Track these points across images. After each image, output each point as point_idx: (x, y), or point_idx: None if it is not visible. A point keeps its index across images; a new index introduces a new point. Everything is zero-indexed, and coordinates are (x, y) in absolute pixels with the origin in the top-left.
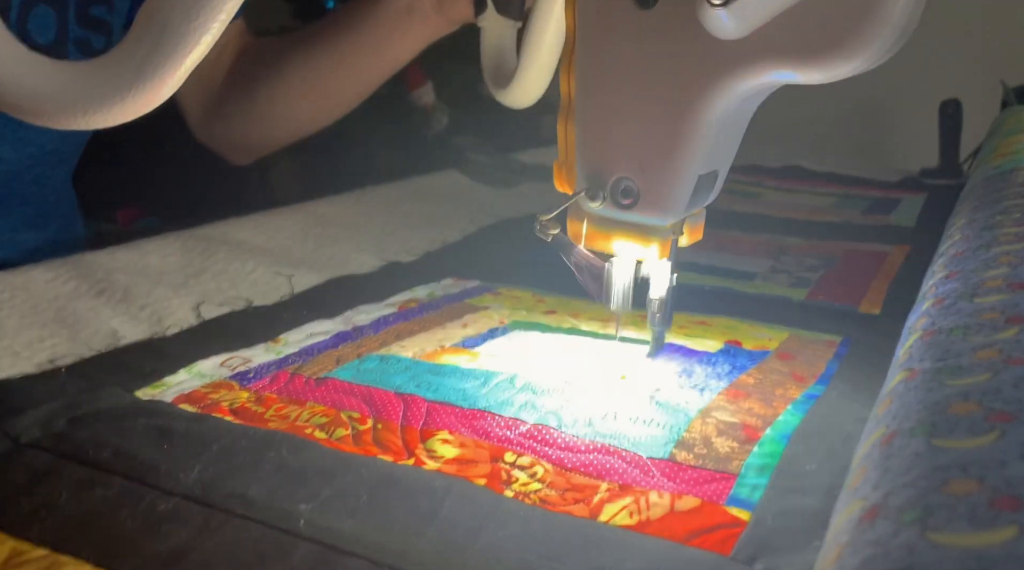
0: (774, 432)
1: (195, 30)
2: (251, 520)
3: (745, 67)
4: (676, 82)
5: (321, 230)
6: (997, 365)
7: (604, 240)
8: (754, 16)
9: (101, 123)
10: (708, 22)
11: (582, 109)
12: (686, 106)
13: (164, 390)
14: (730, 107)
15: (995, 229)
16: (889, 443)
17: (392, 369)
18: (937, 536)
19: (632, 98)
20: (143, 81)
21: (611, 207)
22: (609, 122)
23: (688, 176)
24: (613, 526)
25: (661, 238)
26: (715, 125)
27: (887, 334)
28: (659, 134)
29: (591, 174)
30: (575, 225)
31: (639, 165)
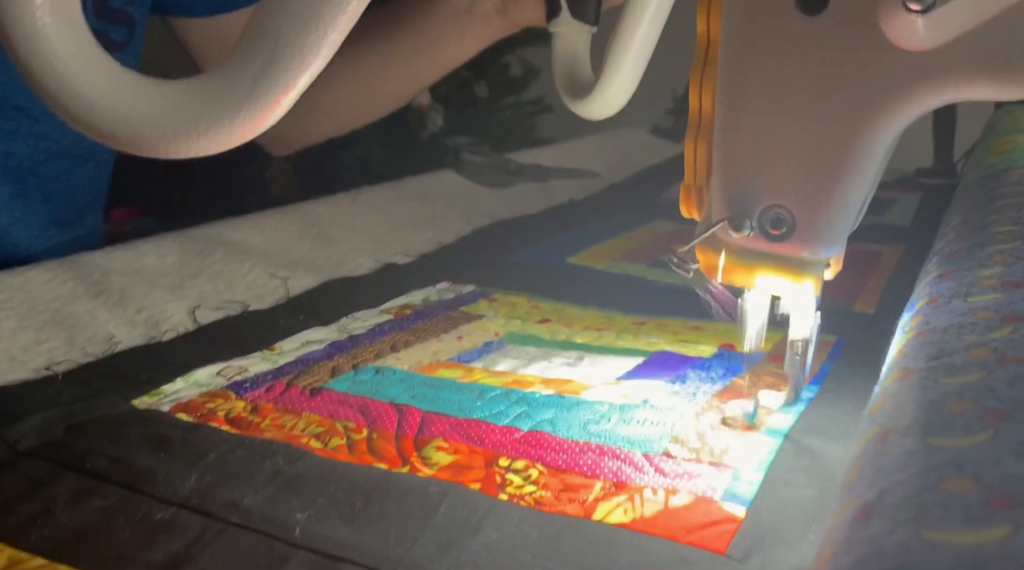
0: (768, 432)
1: (314, 42)
2: (247, 529)
3: (930, 83)
4: (846, 99)
5: (317, 231)
6: (991, 364)
7: (745, 274)
8: (952, 25)
9: (206, 150)
10: (896, 31)
11: (725, 128)
12: (857, 127)
13: (161, 399)
14: (904, 127)
15: (989, 228)
16: (884, 442)
17: (387, 381)
18: (932, 534)
19: (791, 116)
20: (255, 102)
21: (758, 238)
22: (758, 143)
23: (853, 204)
24: (607, 524)
25: (815, 273)
26: (886, 147)
27: (882, 333)
28: (823, 157)
29: (735, 200)
30: (709, 256)
31: (795, 192)
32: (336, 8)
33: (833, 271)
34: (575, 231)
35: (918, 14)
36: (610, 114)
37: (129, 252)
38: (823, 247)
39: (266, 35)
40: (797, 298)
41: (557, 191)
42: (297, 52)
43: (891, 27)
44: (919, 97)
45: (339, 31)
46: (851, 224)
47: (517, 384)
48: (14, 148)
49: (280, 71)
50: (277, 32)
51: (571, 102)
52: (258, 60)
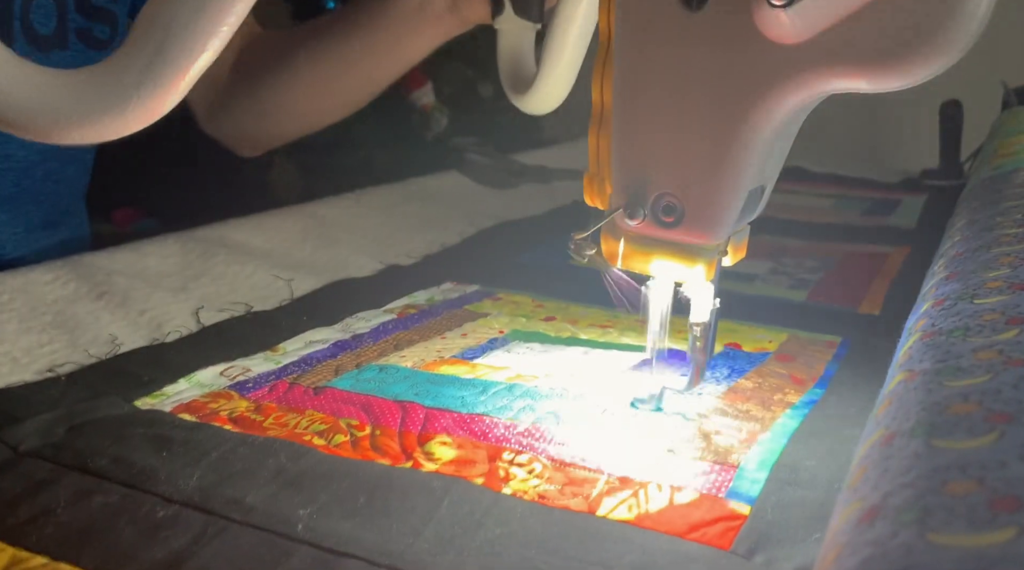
0: (772, 434)
1: (202, 33)
2: (250, 526)
3: (805, 75)
4: (727, 91)
5: (320, 232)
6: (997, 366)
7: (643, 260)
8: (819, 18)
9: (97, 137)
10: (766, 25)
11: (619, 119)
12: (737, 117)
13: (163, 400)
14: (785, 118)
15: (995, 230)
16: (889, 444)
17: (391, 379)
18: (936, 537)
19: (676, 108)
20: (146, 90)
21: (652, 225)
22: (650, 134)
23: (737, 193)
24: (612, 520)
25: (706, 259)
26: (767, 138)
27: (887, 335)
28: (706, 147)
29: (629, 190)
30: (610, 244)
31: (683, 181)
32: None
33: (735, 256)
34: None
35: (781, 8)
36: (550, 109)
37: (131, 253)
38: (711, 233)
39: (156, 25)
40: (695, 283)
41: (561, 192)
42: (186, 42)
43: (760, 21)
44: (795, 89)
45: (228, 23)
46: (738, 212)
47: (521, 379)
48: (9, 150)
49: (169, 60)
50: (167, 23)
51: (514, 98)
52: (148, 50)
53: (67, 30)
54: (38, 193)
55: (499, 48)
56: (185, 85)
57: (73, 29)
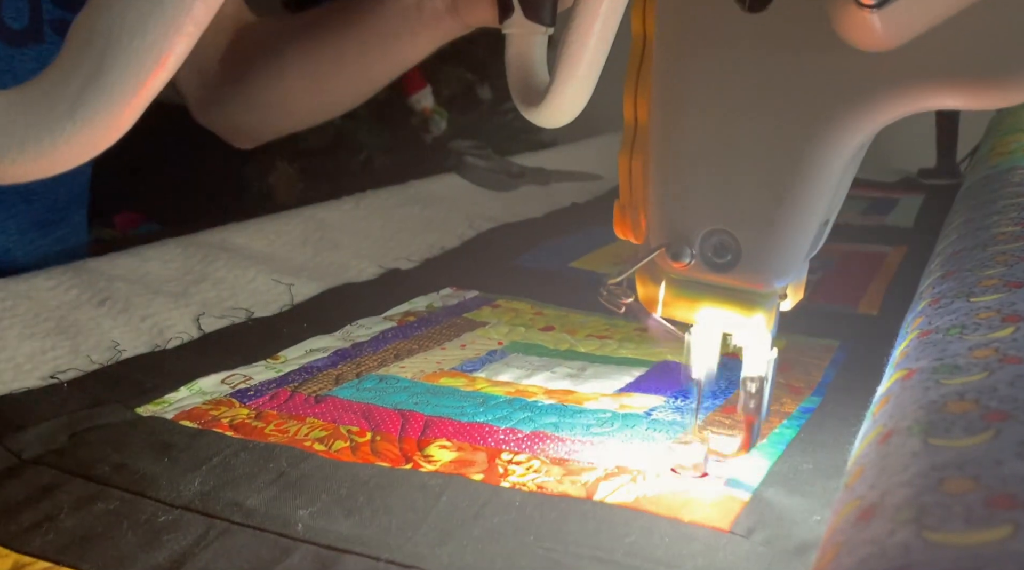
0: (770, 443)
1: (151, 47)
2: (250, 527)
3: (892, 91)
4: (798, 108)
5: (320, 236)
6: (993, 364)
7: (688, 308)
8: (914, 22)
9: (24, 176)
10: (850, 29)
11: (661, 141)
12: (811, 140)
13: (165, 407)
14: (863, 141)
15: (991, 228)
16: (886, 442)
17: (391, 389)
18: (933, 535)
19: (735, 128)
20: (83, 119)
21: (701, 268)
22: (700, 159)
23: (807, 229)
24: (610, 505)
25: (766, 306)
26: (843, 164)
27: (885, 336)
28: (768, 175)
29: (673, 225)
30: (648, 288)
31: (739, 215)
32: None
33: (793, 300)
34: (578, 234)
35: (872, 9)
36: (565, 122)
37: (133, 258)
38: (774, 277)
39: (95, 37)
40: (750, 334)
41: (560, 194)
42: (132, 59)
43: (843, 25)
44: (880, 105)
45: (186, 34)
46: (806, 251)
47: (520, 394)
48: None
49: (111, 82)
50: (107, 35)
51: (524, 109)
52: (84, 69)
53: (41, 22)
54: (27, 191)
55: (507, 55)
56: (133, 112)
57: (48, 21)
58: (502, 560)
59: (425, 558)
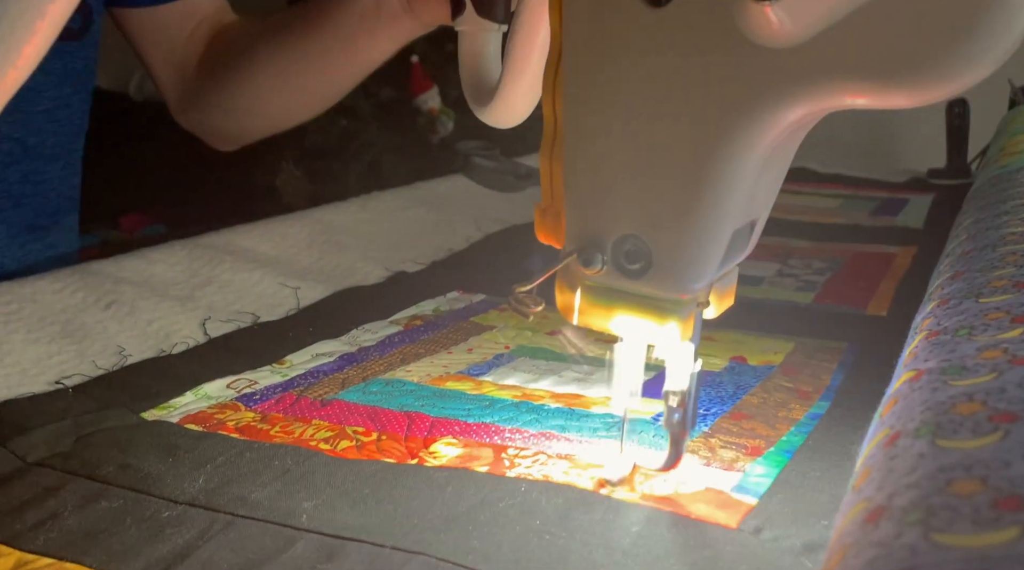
0: (778, 450)
1: None
2: (254, 519)
3: (800, 89)
4: (705, 109)
5: (327, 238)
6: (1002, 365)
7: (604, 316)
8: (816, 17)
9: None
10: (752, 25)
11: (572, 143)
12: (718, 141)
13: (170, 411)
14: (776, 141)
15: (1001, 229)
16: (893, 444)
17: (397, 392)
18: (940, 537)
19: (643, 130)
20: None
21: (614, 274)
22: (608, 161)
23: (718, 234)
24: (617, 499)
25: (680, 315)
26: (755, 165)
27: (894, 337)
28: (679, 179)
29: (585, 230)
30: (565, 295)
31: (650, 220)
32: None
33: (720, 307)
34: None
35: (769, 3)
36: (515, 122)
37: (139, 260)
38: (686, 284)
39: None
40: (671, 343)
41: None
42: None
43: (743, 20)
44: (787, 104)
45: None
46: (721, 256)
47: (527, 398)
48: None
49: None
50: None
51: (476, 109)
52: None
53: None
54: (17, 195)
55: (460, 52)
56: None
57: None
58: (507, 545)
59: (430, 544)
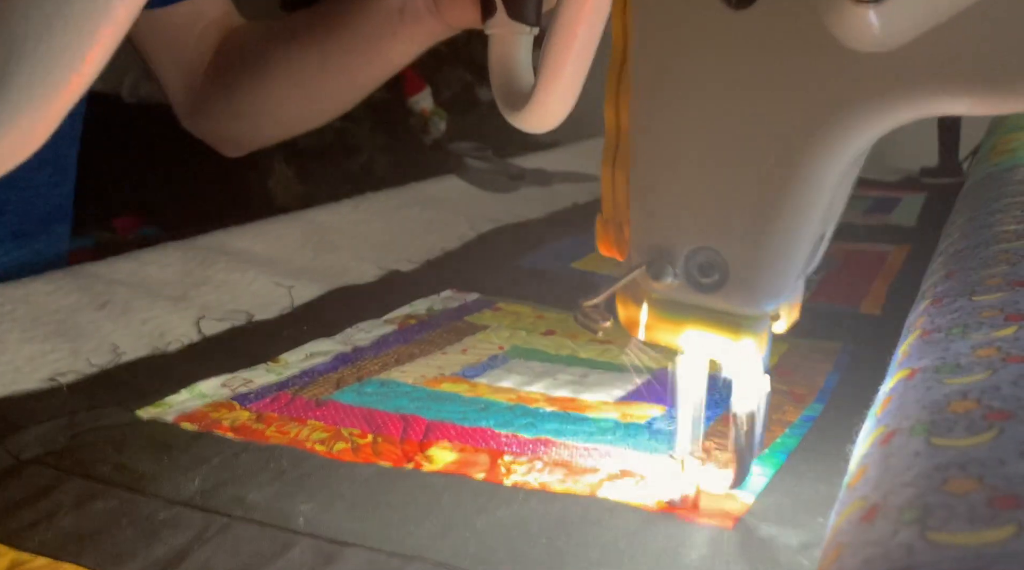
0: (772, 452)
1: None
2: (250, 522)
3: (893, 96)
4: (789, 116)
5: (320, 238)
6: (996, 363)
7: (672, 331)
8: (915, 22)
9: None
10: (845, 28)
11: (641, 151)
12: (804, 150)
13: (165, 410)
14: (863, 148)
15: (994, 227)
16: (888, 442)
17: (392, 393)
18: (936, 535)
19: (720, 138)
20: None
21: (685, 288)
22: (682, 170)
23: (800, 245)
24: (614, 501)
25: (755, 331)
26: (838, 174)
27: (888, 336)
28: (758, 188)
29: (654, 242)
30: (630, 309)
31: (726, 232)
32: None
33: (788, 321)
34: (579, 235)
35: (869, 5)
36: (550, 127)
37: (132, 262)
38: (764, 299)
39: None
40: (739, 360)
41: (560, 195)
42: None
43: (837, 23)
44: (878, 112)
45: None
46: (799, 270)
47: (522, 401)
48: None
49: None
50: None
51: (508, 113)
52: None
53: None
54: (3, 202)
55: (490, 56)
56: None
57: None
58: (505, 551)
59: (428, 550)
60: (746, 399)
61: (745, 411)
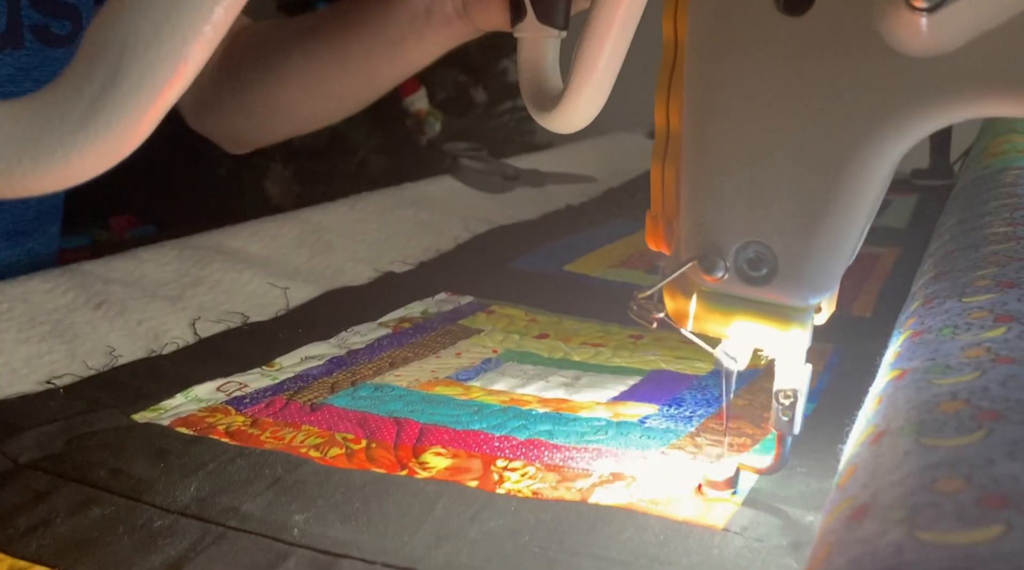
0: (763, 448)
1: (167, 56)
2: (246, 532)
3: (942, 97)
4: (840, 116)
5: (316, 238)
6: (985, 364)
7: (721, 322)
8: (965, 28)
9: (35, 189)
10: (898, 34)
11: (694, 150)
12: (854, 149)
13: (161, 414)
14: (908, 149)
15: (984, 229)
16: (878, 442)
17: (386, 397)
18: (925, 535)
19: (771, 137)
20: (96, 131)
21: (735, 281)
22: (735, 168)
23: (847, 241)
24: (604, 506)
25: (803, 322)
26: (887, 173)
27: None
28: (811, 185)
29: (706, 236)
30: (679, 301)
31: (777, 227)
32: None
33: (827, 312)
34: (572, 237)
35: (923, 13)
36: (579, 128)
37: (129, 261)
38: (811, 292)
39: (109, 42)
40: (783, 346)
41: (555, 196)
42: (148, 67)
43: (891, 29)
44: (927, 115)
45: (204, 40)
46: (845, 264)
47: (515, 403)
48: None
49: (126, 91)
50: (123, 38)
51: (537, 115)
52: (99, 76)
53: (21, 27)
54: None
55: (519, 59)
56: (149, 122)
57: (28, 26)
58: (498, 561)
59: (421, 560)
60: (789, 380)
61: (789, 392)
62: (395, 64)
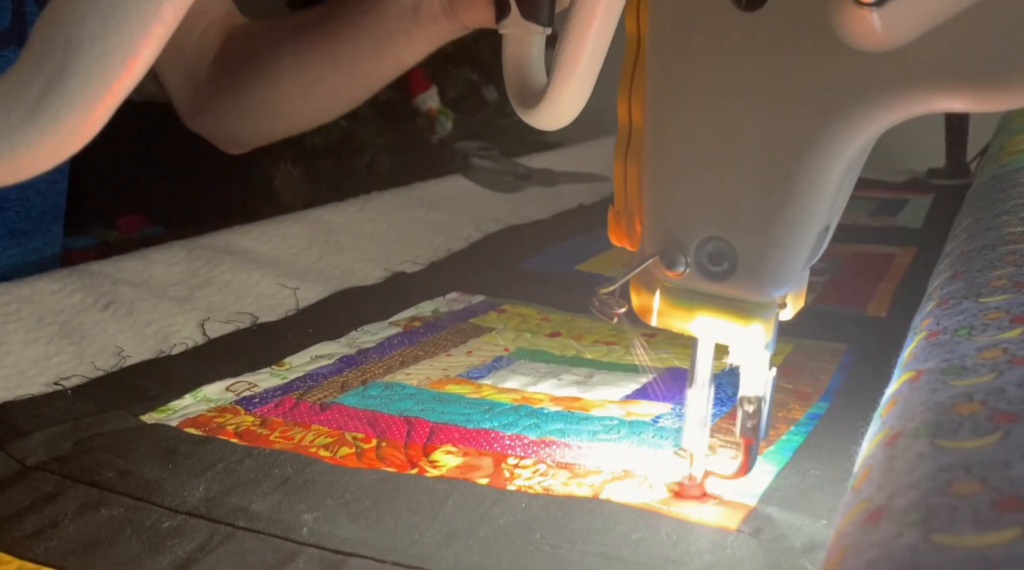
0: (777, 449)
1: (116, 51)
2: (255, 532)
3: (895, 92)
4: (796, 111)
5: (326, 238)
6: (1002, 365)
7: (683, 318)
8: (916, 22)
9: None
10: (849, 28)
11: (655, 145)
12: (810, 143)
13: (169, 415)
14: (864, 144)
15: (1001, 229)
16: (893, 444)
17: (397, 396)
18: (940, 537)
19: (730, 132)
20: (44, 125)
21: (696, 276)
22: (695, 163)
23: (806, 235)
24: (616, 503)
25: (764, 317)
26: (843, 168)
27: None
28: (769, 181)
29: (667, 232)
30: (643, 297)
31: (736, 222)
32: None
33: (794, 308)
34: (584, 237)
35: (871, 7)
36: (563, 124)
37: (137, 261)
38: (772, 287)
39: (55, 39)
40: (747, 346)
41: (566, 196)
42: (95, 62)
43: (842, 24)
44: (881, 108)
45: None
46: (806, 259)
47: (527, 401)
48: None
49: (73, 87)
50: (68, 35)
51: (522, 111)
52: (45, 73)
53: (26, 23)
54: (2, 199)
55: (504, 56)
56: (98, 118)
57: (32, 22)
58: (508, 559)
59: (431, 559)
60: (753, 387)
61: (752, 399)
62: (384, 62)
